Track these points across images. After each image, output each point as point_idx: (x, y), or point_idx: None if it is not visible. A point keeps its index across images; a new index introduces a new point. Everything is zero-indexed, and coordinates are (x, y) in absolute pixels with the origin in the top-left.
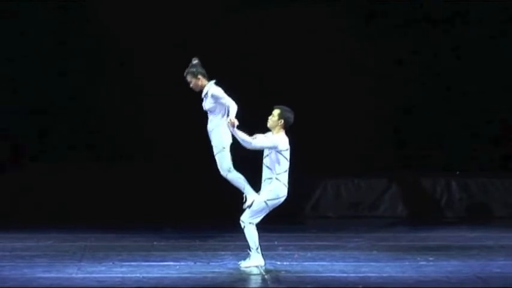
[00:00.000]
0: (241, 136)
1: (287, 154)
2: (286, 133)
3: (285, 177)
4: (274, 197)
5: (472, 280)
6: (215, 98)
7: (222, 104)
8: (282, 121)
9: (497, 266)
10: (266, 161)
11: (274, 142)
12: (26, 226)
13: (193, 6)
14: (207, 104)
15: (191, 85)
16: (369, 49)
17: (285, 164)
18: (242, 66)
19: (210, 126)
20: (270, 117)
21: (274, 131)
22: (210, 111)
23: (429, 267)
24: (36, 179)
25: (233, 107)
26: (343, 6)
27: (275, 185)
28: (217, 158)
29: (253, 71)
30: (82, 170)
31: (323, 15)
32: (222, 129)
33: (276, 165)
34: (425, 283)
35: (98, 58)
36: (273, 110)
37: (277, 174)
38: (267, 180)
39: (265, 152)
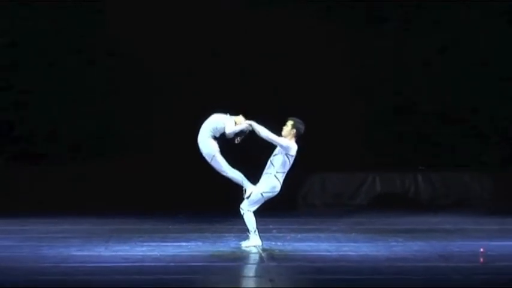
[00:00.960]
0: (259, 127)
1: (292, 160)
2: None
3: (282, 177)
4: (269, 190)
5: (435, 258)
6: (233, 125)
7: (221, 130)
8: (295, 131)
9: (455, 246)
10: (273, 158)
11: (289, 145)
12: (61, 212)
13: (195, 6)
14: (230, 118)
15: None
16: (366, 50)
17: (287, 167)
18: (241, 66)
19: (199, 138)
20: (284, 127)
21: (287, 139)
22: (215, 119)
23: (399, 247)
24: (69, 174)
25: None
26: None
27: (272, 181)
28: (212, 164)
29: (252, 70)
30: (108, 164)
31: (321, 16)
32: (208, 141)
33: (280, 165)
34: (395, 260)
35: (100, 55)
36: (287, 121)
37: (277, 172)
38: (267, 174)
39: (276, 151)
